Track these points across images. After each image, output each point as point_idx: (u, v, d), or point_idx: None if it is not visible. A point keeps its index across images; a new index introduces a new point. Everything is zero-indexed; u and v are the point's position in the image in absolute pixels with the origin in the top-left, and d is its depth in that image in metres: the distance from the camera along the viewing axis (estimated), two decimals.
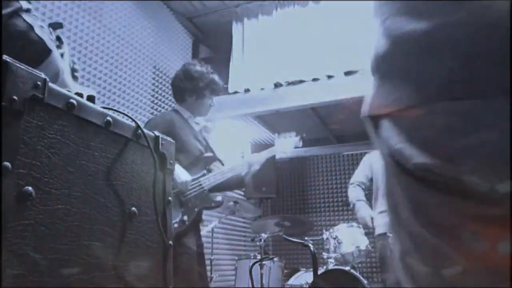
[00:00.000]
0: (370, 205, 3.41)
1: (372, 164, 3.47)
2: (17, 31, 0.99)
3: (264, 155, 2.44)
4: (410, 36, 0.52)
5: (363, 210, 3.37)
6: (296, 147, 2.62)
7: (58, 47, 1.19)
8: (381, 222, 3.22)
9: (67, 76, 1.14)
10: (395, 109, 0.53)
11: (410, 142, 0.51)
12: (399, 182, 0.55)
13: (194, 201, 2.19)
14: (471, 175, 0.46)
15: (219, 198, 2.31)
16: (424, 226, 0.52)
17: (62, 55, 1.13)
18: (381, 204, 3.27)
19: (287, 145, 2.57)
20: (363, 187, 3.49)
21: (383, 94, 0.56)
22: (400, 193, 0.55)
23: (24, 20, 1.00)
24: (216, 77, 2.49)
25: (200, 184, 2.25)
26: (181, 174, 2.16)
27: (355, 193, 3.49)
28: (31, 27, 1.01)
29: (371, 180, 3.45)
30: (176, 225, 2.07)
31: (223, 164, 2.43)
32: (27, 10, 1.02)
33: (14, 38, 0.99)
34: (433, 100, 0.49)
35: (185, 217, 2.12)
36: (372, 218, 3.27)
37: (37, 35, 1.02)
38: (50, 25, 1.29)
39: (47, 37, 1.06)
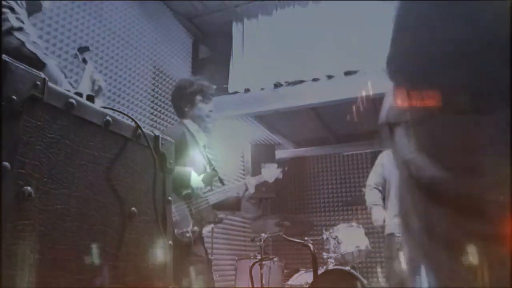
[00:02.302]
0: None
1: (384, 164, 3.40)
2: (10, 48, 1.09)
3: (255, 181, 2.76)
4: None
5: (377, 213, 3.29)
6: (277, 178, 2.99)
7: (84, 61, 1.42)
8: (390, 221, 3.16)
9: (65, 86, 1.23)
10: (410, 118, 0.52)
11: (421, 152, 0.50)
12: (410, 191, 0.55)
13: (202, 214, 2.30)
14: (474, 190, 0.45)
15: (220, 215, 2.48)
16: (431, 239, 0.51)
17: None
18: (392, 205, 3.19)
19: (271, 175, 2.94)
20: (380, 188, 3.38)
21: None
22: (410, 202, 0.55)
23: (16, 38, 1.11)
24: (205, 82, 2.58)
25: (207, 199, 2.36)
26: (197, 181, 2.28)
27: (371, 197, 3.41)
28: (22, 44, 1.11)
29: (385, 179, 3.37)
30: (188, 235, 2.17)
31: (223, 183, 2.58)
32: (19, 29, 1.12)
33: (8, 54, 1.08)
34: (443, 113, 0.48)
35: (196, 228, 2.23)
36: (385, 220, 3.21)
37: (29, 50, 1.12)
38: (78, 49, 1.55)
39: (41, 52, 1.15)
